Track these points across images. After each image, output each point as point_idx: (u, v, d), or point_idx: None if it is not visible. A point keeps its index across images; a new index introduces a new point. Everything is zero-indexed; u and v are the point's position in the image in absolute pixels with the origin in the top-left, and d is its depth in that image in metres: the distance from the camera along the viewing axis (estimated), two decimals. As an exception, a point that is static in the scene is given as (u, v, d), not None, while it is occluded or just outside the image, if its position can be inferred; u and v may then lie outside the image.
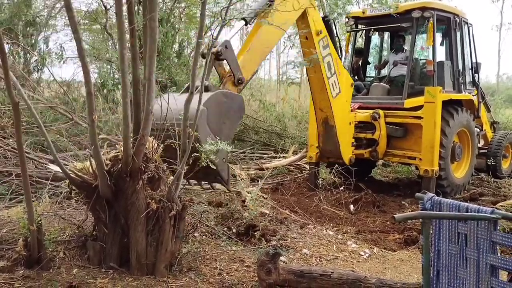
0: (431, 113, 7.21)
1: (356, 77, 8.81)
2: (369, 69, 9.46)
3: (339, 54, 7.21)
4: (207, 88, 4.55)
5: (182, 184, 4.27)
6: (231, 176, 4.90)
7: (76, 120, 8.73)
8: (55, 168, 5.26)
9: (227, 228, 5.33)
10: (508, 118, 15.63)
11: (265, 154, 10.54)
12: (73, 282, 3.64)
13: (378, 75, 9.13)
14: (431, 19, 7.42)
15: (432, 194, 3.04)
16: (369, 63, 9.41)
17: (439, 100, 7.20)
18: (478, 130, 8.68)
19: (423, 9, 7.46)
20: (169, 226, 3.93)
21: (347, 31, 8.91)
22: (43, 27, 12.86)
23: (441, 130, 7.27)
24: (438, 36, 8.16)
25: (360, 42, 9.36)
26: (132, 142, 3.68)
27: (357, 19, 8.48)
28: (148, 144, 3.89)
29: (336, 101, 7.03)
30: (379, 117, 7.64)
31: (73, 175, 3.89)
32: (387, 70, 8.75)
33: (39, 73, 12.18)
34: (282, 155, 10.16)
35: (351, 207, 6.85)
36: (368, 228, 6.00)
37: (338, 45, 7.17)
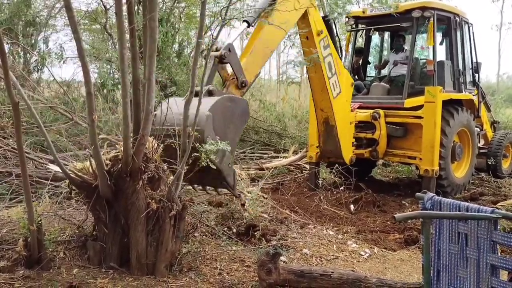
0: (431, 112, 7.21)
1: (357, 76, 8.81)
2: (369, 68, 9.45)
3: (339, 54, 7.21)
4: (211, 93, 4.52)
5: (182, 184, 4.27)
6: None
7: (76, 120, 8.71)
8: (55, 168, 5.25)
9: (227, 228, 5.33)
10: (508, 118, 15.63)
11: (265, 154, 10.54)
12: (73, 282, 3.64)
13: (378, 74, 9.11)
14: (431, 18, 7.42)
15: (432, 194, 3.05)
16: (369, 63, 9.40)
17: (439, 100, 7.20)
18: (478, 129, 8.68)
19: (423, 8, 7.45)
20: (169, 226, 3.93)
21: (347, 31, 8.90)
22: (43, 27, 12.84)
23: (441, 129, 7.27)
24: (438, 35, 8.15)
25: (360, 42, 9.35)
26: (132, 142, 3.68)
27: (357, 19, 8.47)
28: (148, 144, 3.89)
29: (337, 101, 7.02)
30: (379, 117, 7.64)
31: (73, 175, 3.89)
32: (387, 70, 8.75)
33: (39, 73, 12.18)
34: (282, 155, 10.16)
35: (352, 207, 6.85)
36: (368, 228, 6.00)
37: (338, 45, 7.17)
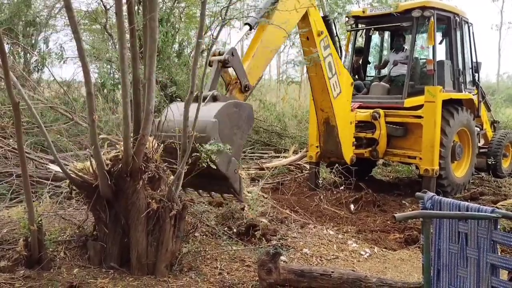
0: (431, 112, 7.21)
1: (357, 76, 8.80)
2: (369, 68, 9.45)
3: (339, 53, 7.21)
4: (215, 98, 4.50)
5: (189, 190, 4.28)
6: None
7: (76, 120, 8.73)
8: (56, 168, 5.26)
9: (228, 228, 5.33)
10: (508, 117, 15.64)
11: (265, 153, 10.54)
12: (73, 282, 3.65)
13: (378, 74, 9.11)
14: (431, 18, 7.42)
15: (432, 194, 3.05)
16: (369, 63, 9.40)
17: (439, 100, 7.20)
18: (478, 129, 8.69)
19: (423, 8, 7.45)
20: (170, 226, 3.93)
21: (347, 31, 8.91)
22: (43, 27, 12.85)
23: (441, 129, 7.27)
24: (438, 35, 8.16)
25: (360, 42, 9.35)
26: (132, 142, 3.69)
27: (357, 19, 8.47)
28: (148, 144, 3.89)
29: (337, 101, 7.02)
30: (379, 117, 7.64)
31: (73, 175, 3.89)
32: (387, 70, 8.75)
33: (39, 73, 12.20)
34: (282, 155, 10.16)
35: (352, 206, 6.85)
36: (368, 227, 6.00)
37: (338, 44, 7.17)
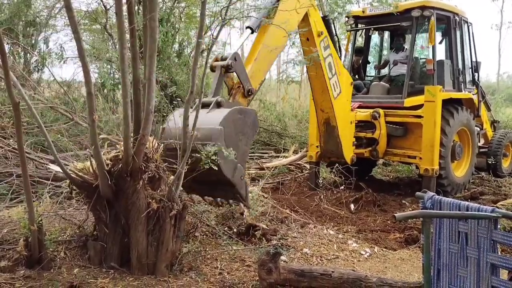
0: (431, 112, 7.21)
1: (357, 76, 8.80)
2: (369, 68, 9.46)
3: (339, 53, 7.21)
4: (219, 104, 4.50)
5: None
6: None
7: (76, 120, 8.73)
8: (56, 168, 5.26)
9: (228, 228, 5.33)
10: (508, 117, 15.64)
11: (265, 153, 10.54)
12: (74, 282, 3.65)
13: (378, 74, 9.12)
14: (431, 18, 7.42)
15: (432, 193, 3.05)
16: (369, 62, 9.40)
17: (439, 99, 7.20)
18: (478, 129, 8.69)
19: (422, 8, 7.45)
20: (170, 226, 3.94)
21: (347, 30, 8.90)
22: (43, 27, 12.84)
23: (441, 129, 7.27)
24: (438, 35, 8.16)
25: (360, 42, 9.35)
26: (132, 142, 3.69)
27: (357, 19, 8.47)
28: (149, 144, 3.90)
29: (338, 101, 7.00)
30: (379, 116, 7.64)
31: (73, 175, 3.89)
32: (387, 69, 8.75)
33: (39, 73, 12.19)
34: (282, 155, 10.16)
35: (352, 206, 6.85)
36: (368, 227, 6.00)
37: (337, 44, 7.16)
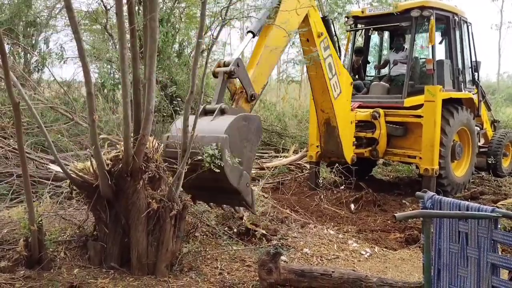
0: (431, 112, 7.21)
1: (357, 76, 8.80)
2: (369, 68, 9.46)
3: (338, 53, 7.21)
4: (223, 111, 4.49)
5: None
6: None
7: (76, 120, 8.73)
8: (56, 168, 5.26)
9: (228, 228, 5.33)
10: (508, 117, 15.64)
11: (265, 153, 10.54)
12: (74, 282, 3.65)
13: (378, 74, 9.12)
14: (431, 18, 7.42)
15: (432, 193, 3.05)
16: (369, 62, 9.40)
17: (439, 99, 7.20)
18: (478, 128, 8.69)
19: (422, 8, 7.45)
20: (170, 226, 3.94)
21: (346, 31, 8.91)
22: (44, 27, 12.85)
23: (441, 129, 7.27)
24: (438, 35, 8.16)
25: (360, 42, 9.35)
26: (132, 142, 3.69)
27: (357, 19, 8.47)
28: (149, 144, 3.90)
29: (338, 101, 6.99)
30: (379, 116, 7.64)
31: (73, 175, 3.89)
32: (387, 69, 8.75)
33: (39, 73, 12.19)
34: (282, 155, 10.16)
35: (352, 206, 6.85)
36: (369, 227, 6.00)
37: (337, 44, 7.16)
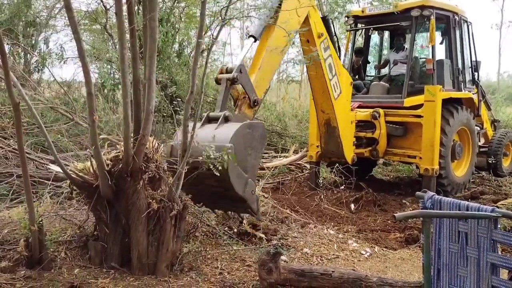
0: (431, 111, 7.21)
1: (357, 76, 8.80)
2: (369, 68, 9.45)
3: (338, 53, 7.20)
4: (227, 119, 4.50)
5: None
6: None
7: (76, 121, 8.74)
8: (56, 169, 5.27)
9: (228, 228, 5.33)
10: (508, 116, 15.63)
11: (265, 153, 10.53)
12: (74, 282, 3.65)
13: (378, 74, 9.11)
14: (431, 17, 7.42)
15: (432, 193, 3.05)
16: (369, 62, 9.40)
17: (439, 99, 7.20)
18: (478, 128, 8.69)
19: (422, 7, 7.45)
20: (170, 226, 3.94)
21: (346, 30, 8.90)
22: (43, 27, 12.85)
23: (441, 128, 7.27)
24: (438, 34, 8.16)
25: (360, 41, 9.35)
26: (132, 142, 3.69)
27: (357, 18, 8.47)
28: (149, 144, 3.90)
29: (338, 102, 6.98)
30: (379, 116, 7.63)
31: (74, 175, 3.89)
32: (387, 69, 8.75)
33: (39, 73, 12.20)
34: (282, 155, 10.16)
35: (352, 206, 6.85)
36: (369, 227, 6.00)
37: (336, 44, 7.16)
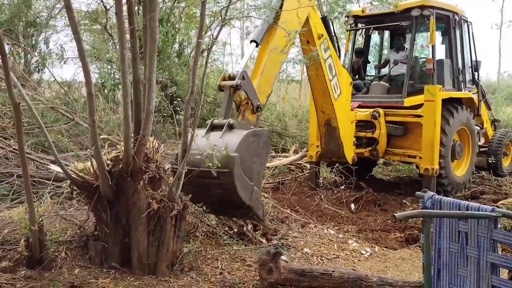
0: (431, 111, 7.21)
1: (357, 76, 8.79)
2: (369, 67, 9.45)
3: (338, 53, 7.20)
4: (231, 126, 4.51)
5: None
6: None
7: (77, 121, 8.75)
8: (56, 169, 5.27)
9: (228, 228, 5.33)
10: (509, 116, 15.63)
11: (266, 153, 10.53)
12: (75, 282, 3.65)
13: (378, 73, 9.11)
14: (431, 17, 7.42)
15: (432, 193, 3.05)
16: (369, 62, 9.39)
17: (439, 99, 7.19)
18: (478, 128, 8.68)
19: (422, 7, 7.45)
20: (171, 226, 3.94)
21: (347, 30, 8.90)
22: (44, 27, 12.86)
23: (441, 128, 7.26)
24: (438, 34, 8.16)
25: (360, 41, 9.34)
26: (133, 142, 3.70)
27: (357, 18, 8.47)
28: (149, 144, 3.90)
29: (338, 102, 6.97)
30: (379, 116, 7.63)
31: (74, 175, 3.90)
32: (387, 69, 8.74)
33: (39, 73, 12.22)
34: (283, 154, 10.16)
35: (352, 206, 6.85)
36: (369, 227, 6.01)
37: (336, 44, 7.16)
